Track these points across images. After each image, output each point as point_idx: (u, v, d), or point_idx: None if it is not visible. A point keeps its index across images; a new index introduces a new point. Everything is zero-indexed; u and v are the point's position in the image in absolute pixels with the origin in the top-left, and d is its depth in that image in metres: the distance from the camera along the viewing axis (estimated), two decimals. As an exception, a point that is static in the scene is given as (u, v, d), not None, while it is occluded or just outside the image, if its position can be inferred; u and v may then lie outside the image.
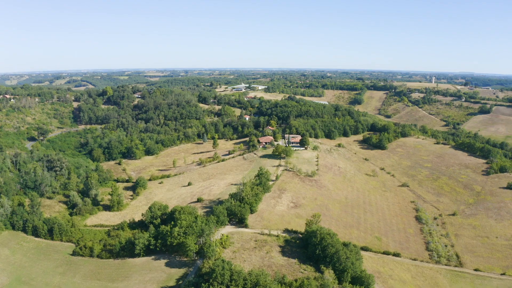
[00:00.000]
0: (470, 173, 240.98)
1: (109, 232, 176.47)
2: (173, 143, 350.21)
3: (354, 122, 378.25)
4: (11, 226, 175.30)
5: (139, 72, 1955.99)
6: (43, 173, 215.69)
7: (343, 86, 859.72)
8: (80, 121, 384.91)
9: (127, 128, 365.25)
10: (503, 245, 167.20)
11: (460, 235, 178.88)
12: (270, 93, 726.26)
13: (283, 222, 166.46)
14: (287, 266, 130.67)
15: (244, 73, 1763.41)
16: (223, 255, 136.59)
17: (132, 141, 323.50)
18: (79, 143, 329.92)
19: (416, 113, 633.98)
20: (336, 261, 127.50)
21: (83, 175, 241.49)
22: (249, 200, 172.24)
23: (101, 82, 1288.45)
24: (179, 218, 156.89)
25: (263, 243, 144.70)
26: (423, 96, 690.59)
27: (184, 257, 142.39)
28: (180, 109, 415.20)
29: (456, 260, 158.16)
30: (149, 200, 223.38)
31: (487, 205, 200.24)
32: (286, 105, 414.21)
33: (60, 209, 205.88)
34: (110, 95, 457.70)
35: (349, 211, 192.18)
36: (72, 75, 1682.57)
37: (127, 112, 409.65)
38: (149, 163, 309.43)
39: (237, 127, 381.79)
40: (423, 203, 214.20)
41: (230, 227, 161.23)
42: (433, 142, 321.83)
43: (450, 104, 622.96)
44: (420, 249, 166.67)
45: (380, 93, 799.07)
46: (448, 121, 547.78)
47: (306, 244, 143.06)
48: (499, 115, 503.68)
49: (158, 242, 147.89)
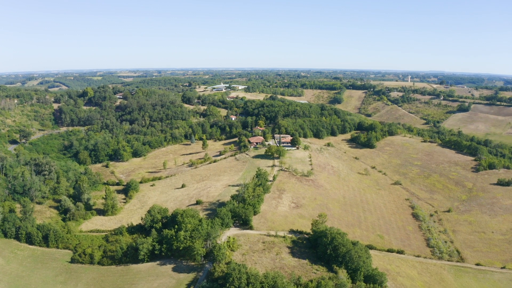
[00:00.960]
0: (460, 170, 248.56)
1: (107, 237, 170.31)
2: (160, 145, 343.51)
3: (341, 122, 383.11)
4: (2, 234, 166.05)
5: (111, 73, 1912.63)
6: (32, 178, 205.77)
7: (321, 85, 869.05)
8: (62, 123, 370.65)
9: (112, 129, 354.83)
10: (500, 240, 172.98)
11: (457, 231, 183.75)
12: (250, 92, 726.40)
13: (287, 223, 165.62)
14: (299, 267, 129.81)
15: (217, 73, 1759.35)
16: (232, 258, 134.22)
17: (118, 143, 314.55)
18: (62, 145, 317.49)
19: (396, 111, 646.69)
20: (348, 260, 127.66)
21: (73, 179, 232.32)
22: (252, 202, 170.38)
23: (74, 83, 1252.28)
24: (183, 221, 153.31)
25: (271, 245, 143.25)
26: (402, 95, 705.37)
27: (191, 262, 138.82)
28: (165, 110, 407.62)
29: (457, 255, 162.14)
30: (143, 203, 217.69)
31: (480, 201, 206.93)
32: (272, 105, 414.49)
33: (52, 214, 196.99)
34: (91, 96, 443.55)
35: (349, 210, 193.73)
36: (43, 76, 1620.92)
37: (110, 113, 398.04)
38: (137, 165, 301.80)
39: (224, 127, 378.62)
40: (418, 201, 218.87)
41: (235, 229, 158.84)
42: (420, 140, 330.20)
43: (429, 103, 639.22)
44: (422, 246, 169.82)
45: (359, 92, 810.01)
46: (428, 119, 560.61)
47: (315, 244, 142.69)
48: (478, 113, 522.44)
49: (163, 247, 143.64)
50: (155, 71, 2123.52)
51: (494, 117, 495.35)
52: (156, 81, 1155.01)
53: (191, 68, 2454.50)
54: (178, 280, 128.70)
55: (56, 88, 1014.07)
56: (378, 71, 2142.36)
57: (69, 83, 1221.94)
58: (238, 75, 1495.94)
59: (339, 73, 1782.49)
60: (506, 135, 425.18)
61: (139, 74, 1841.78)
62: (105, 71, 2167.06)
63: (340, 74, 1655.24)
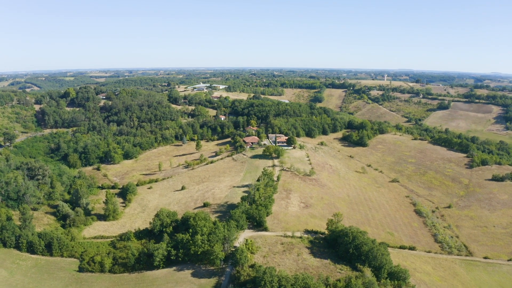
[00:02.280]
0: (454, 167, 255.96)
1: (114, 244, 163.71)
2: (151, 146, 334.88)
3: (331, 120, 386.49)
4: (1, 243, 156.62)
5: (81, 73, 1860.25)
6: (26, 183, 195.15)
7: (301, 84, 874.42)
8: (45, 125, 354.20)
9: (99, 131, 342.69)
10: (502, 233, 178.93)
11: (460, 226, 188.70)
12: (232, 92, 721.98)
13: (301, 223, 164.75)
14: (322, 267, 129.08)
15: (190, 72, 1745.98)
16: (254, 260, 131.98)
17: (109, 145, 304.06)
18: (48, 148, 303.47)
19: (377, 110, 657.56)
20: (372, 259, 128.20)
21: (67, 183, 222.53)
22: (263, 202, 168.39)
23: (46, 83, 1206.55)
24: (196, 225, 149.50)
25: (290, 246, 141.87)
26: (382, 93, 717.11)
27: (210, 266, 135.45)
28: (153, 110, 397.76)
29: (465, 250, 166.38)
30: (144, 207, 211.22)
31: (478, 197, 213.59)
32: (262, 104, 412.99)
33: (49, 221, 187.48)
34: (73, 96, 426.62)
35: (356, 208, 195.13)
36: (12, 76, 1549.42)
37: (96, 115, 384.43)
38: (129, 167, 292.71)
39: (215, 127, 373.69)
40: (417, 197, 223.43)
41: (249, 231, 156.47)
42: (410, 138, 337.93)
43: (409, 101, 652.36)
44: (430, 242, 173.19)
45: (339, 91, 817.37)
46: (410, 117, 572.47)
47: (334, 243, 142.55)
48: (458, 111, 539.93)
49: (180, 252, 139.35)
50: (126, 71, 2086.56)
51: (474, 115, 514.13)
52: (132, 81, 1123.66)
53: (162, 68, 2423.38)
54: (200, 286, 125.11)
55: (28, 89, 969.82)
56: (349, 70, 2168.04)
57: (41, 84, 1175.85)
58: (213, 74, 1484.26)
59: (312, 72, 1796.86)
60: (487, 132, 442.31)
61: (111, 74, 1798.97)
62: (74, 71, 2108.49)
63: (313, 73, 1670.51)
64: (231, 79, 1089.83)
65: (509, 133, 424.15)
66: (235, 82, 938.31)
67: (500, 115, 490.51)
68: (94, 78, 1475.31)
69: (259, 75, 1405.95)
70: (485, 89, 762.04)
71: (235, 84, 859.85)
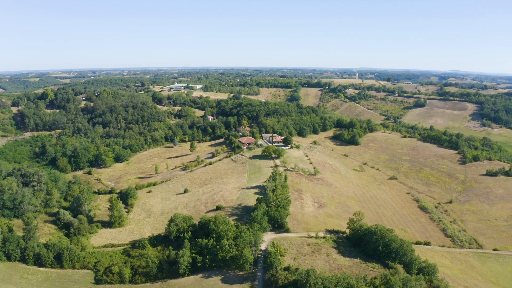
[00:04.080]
0: (448, 163, 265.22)
1: (127, 252, 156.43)
2: (142, 148, 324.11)
3: (321, 120, 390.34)
4: (5, 257, 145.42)
5: (43, 74, 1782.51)
6: (22, 190, 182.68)
7: (277, 84, 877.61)
8: (25, 128, 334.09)
9: (85, 133, 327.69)
10: (505, 226, 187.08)
11: (465, 220, 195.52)
12: (209, 92, 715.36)
13: (320, 223, 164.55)
14: (354, 266, 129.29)
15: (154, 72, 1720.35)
16: (285, 263, 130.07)
17: (98, 148, 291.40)
18: (33, 152, 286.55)
19: (355, 108, 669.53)
20: (402, 255, 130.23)
21: (64, 189, 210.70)
22: (281, 203, 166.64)
23: (11, 85, 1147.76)
24: (219, 229, 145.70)
25: (317, 247, 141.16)
26: (358, 92, 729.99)
27: (239, 271, 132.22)
28: (139, 111, 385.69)
29: (475, 243, 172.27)
30: (149, 211, 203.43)
31: (476, 192, 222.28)
32: (251, 104, 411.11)
33: (51, 230, 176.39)
34: (51, 98, 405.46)
35: (366, 206, 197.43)
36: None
37: (78, 116, 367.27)
38: (122, 170, 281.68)
39: (205, 128, 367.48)
40: (418, 194, 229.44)
41: (271, 233, 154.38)
42: (400, 136, 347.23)
43: (385, 99, 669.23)
44: (441, 236, 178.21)
45: (315, 90, 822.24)
46: (388, 115, 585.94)
47: (359, 242, 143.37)
48: (434, 108, 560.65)
49: (207, 258, 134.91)
50: (89, 71, 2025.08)
51: (450, 112, 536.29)
52: (102, 82, 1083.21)
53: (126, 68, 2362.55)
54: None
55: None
56: (313, 69, 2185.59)
57: (5, 86, 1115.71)
58: (181, 74, 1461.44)
59: (277, 71, 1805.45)
60: (465, 128, 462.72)
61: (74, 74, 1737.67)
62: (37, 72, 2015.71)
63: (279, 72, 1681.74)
64: (204, 79, 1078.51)
65: (486, 130, 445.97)
66: (211, 82, 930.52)
67: (476, 112, 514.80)
68: (58, 79, 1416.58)
69: (228, 74, 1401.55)
70: (454, 86, 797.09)
71: (211, 84, 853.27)
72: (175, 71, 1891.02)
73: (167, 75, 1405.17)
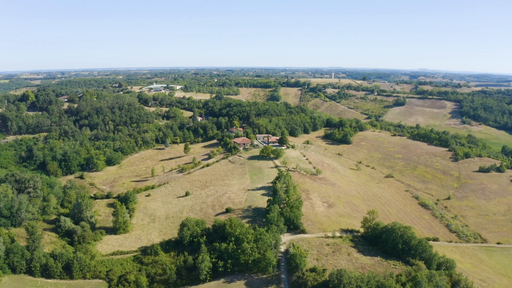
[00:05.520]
0: (441, 160, 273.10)
1: (139, 259, 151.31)
2: (133, 150, 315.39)
3: (311, 119, 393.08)
4: (9, 270, 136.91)
5: (11, 75, 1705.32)
6: (20, 197, 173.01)
7: (256, 83, 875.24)
8: (7, 131, 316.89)
9: (73, 136, 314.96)
10: (504, 220, 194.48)
11: (465, 216, 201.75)
12: (189, 92, 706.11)
13: (333, 223, 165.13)
14: (377, 264, 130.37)
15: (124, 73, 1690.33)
16: (308, 264, 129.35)
17: (89, 151, 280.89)
18: (18, 156, 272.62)
19: (336, 107, 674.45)
20: (421, 252, 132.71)
21: (60, 195, 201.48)
22: (294, 204, 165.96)
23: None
24: (237, 232, 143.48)
25: (337, 247, 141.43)
26: (338, 91, 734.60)
27: (262, 274, 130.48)
28: (127, 113, 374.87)
29: (479, 237, 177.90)
30: (152, 216, 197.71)
31: (472, 188, 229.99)
32: (241, 104, 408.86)
33: (52, 238, 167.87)
34: (33, 100, 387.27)
35: (371, 205, 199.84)
36: None
37: (63, 119, 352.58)
38: (115, 174, 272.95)
39: (195, 129, 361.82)
40: (417, 191, 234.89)
41: (287, 234, 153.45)
42: (390, 134, 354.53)
43: (365, 98, 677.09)
44: (446, 232, 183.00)
45: (294, 89, 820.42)
46: (369, 114, 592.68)
47: (376, 240, 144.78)
48: (414, 107, 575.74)
49: (229, 262, 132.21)
50: (58, 72, 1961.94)
51: (430, 110, 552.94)
52: (75, 83, 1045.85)
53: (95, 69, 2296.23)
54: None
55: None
56: (284, 68, 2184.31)
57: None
58: (154, 74, 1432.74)
59: (249, 70, 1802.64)
60: (445, 126, 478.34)
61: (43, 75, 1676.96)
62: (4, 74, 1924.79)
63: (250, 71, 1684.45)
64: (180, 79, 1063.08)
65: (466, 127, 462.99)
66: (190, 82, 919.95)
67: (455, 110, 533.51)
68: (28, 80, 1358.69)
69: (202, 74, 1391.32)
70: (428, 85, 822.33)
71: (191, 84, 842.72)
72: (145, 71, 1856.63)
73: (140, 76, 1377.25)
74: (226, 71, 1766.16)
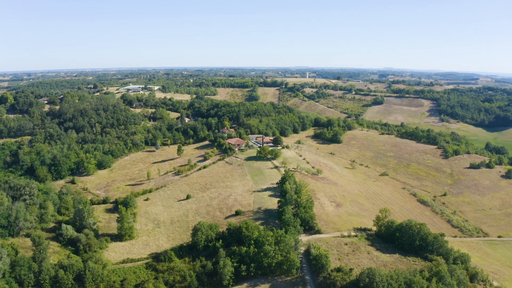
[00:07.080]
0: (432, 158, 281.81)
1: (153, 266, 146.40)
2: (123, 153, 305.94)
3: (299, 119, 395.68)
4: (16, 284, 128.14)
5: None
6: (17, 205, 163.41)
7: (233, 83, 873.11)
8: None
9: (59, 139, 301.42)
10: (500, 214, 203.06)
11: (463, 211, 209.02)
12: (167, 93, 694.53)
13: (345, 222, 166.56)
14: (397, 261, 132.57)
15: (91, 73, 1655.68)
16: (332, 264, 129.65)
17: (78, 155, 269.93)
18: (2, 161, 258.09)
19: (316, 107, 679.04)
20: (438, 247, 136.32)
21: (56, 201, 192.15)
22: (306, 205, 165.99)
23: None
24: (255, 235, 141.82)
25: (355, 246, 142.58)
26: (316, 91, 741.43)
27: (286, 277, 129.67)
28: (113, 114, 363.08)
29: (481, 231, 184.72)
30: (156, 221, 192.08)
31: (465, 184, 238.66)
32: (229, 105, 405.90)
33: (55, 248, 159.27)
34: (12, 102, 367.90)
35: (375, 203, 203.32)
36: None
37: (46, 121, 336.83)
38: (107, 178, 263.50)
39: (185, 130, 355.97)
40: (413, 189, 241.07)
41: (303, 235, 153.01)
42: (378, 133, 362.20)
43: (344, 97, 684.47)
44: (448, 227, 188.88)
45: (272, 89, 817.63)
46: (348, 113, 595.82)
47: (391, 238, 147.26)
48: (392, 105, 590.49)
49: (252, 266, 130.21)
50: (24, 74, 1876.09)
51: (408, 109, 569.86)
52: (47, 84, 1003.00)
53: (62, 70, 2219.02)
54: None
55: None
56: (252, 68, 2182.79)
57: None
58: (125, 75, 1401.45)
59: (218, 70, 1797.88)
60: (425, 124, 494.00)
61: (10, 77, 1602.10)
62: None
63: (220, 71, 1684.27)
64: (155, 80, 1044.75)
65: (445, 125, 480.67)
66: (168, 83, 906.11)
67: (432, 108, 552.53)
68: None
69: (173, 74, 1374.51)
70: (401, 84, 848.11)
71: (168, 85, 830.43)
72: (113, 71, 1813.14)
73: (110, 76, 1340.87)
74: (196, 71, 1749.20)
